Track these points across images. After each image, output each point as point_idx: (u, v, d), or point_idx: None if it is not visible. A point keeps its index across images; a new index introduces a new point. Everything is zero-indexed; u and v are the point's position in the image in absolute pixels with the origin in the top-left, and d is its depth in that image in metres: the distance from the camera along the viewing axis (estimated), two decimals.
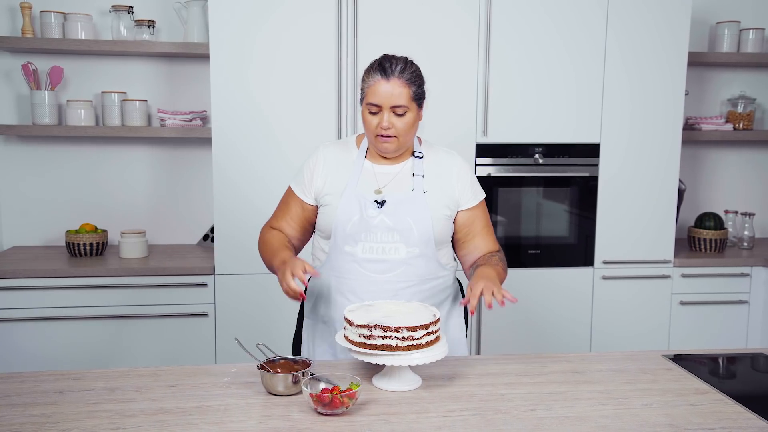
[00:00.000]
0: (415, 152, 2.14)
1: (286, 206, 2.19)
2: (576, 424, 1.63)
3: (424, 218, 2.05)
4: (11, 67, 3.54)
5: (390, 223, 2.04)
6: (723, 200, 4.10)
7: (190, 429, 1.58)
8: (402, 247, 2.05)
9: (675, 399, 1.78)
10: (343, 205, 2.05)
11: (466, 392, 1.81)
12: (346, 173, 2.10)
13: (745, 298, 3.59)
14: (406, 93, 2.00)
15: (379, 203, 2.05)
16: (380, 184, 2.09)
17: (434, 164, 2.14)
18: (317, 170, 2.13)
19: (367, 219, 2.04)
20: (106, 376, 1.88)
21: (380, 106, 1.99)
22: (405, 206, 2.05)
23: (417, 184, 2.09)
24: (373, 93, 2.00)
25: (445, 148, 2.22)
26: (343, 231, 2.05)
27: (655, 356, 2.10)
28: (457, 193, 2.12)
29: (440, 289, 2.17)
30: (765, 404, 1.78)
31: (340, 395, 1.64)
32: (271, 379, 1.77)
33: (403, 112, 2.01)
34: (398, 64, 2.01)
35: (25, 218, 3.64)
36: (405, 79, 2.00)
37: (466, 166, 2.18)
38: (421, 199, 2.07)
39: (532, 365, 2.02)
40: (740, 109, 3.93)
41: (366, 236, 2.05)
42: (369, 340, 1.76)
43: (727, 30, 3.83)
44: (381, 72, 1.99)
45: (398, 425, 1.61)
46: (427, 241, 2.06)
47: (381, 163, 2.12)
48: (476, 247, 2.16)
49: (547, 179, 3.41)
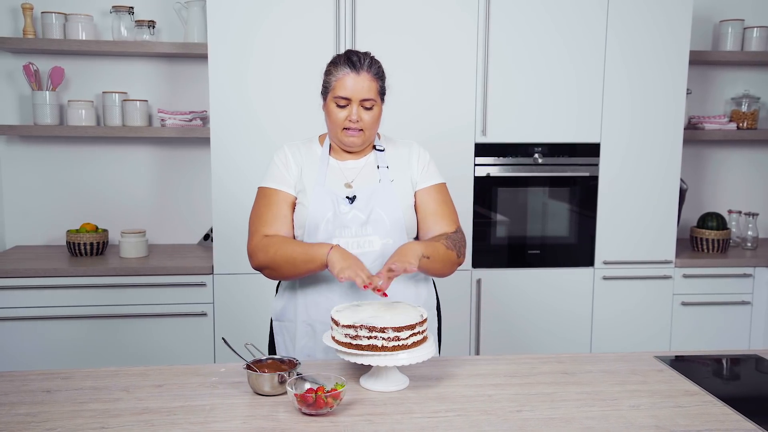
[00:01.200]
0: (376, 146, 2.17)
1: (269, 209, 2.09)
2: (560, 425, 1.62)
3: (394, 208, 2.07)
4: (13, 67, 3.57)
5: (363, 216, 2.05)
6: (727, 200, 4.07)
7: (174, 429, 1.58)
8: (376, 239, 2.06)
9: (663, 400, 1.76)
10: (315, 203, 2.05)
11: (453, 393, 1.80)
12: (313, 171, 2.10)
13: (748, 299, 3.56)
14: (374, 87, 2.04)
15: (350, 199, 2.06)
16: (348, 178, 2.11)
17: (395, 156, 2.17)
18: (289, 162, 2.12)
19: (341, 216, 2.05)
20: (95, 376, 1.89)
21: (349, 99, 2.02)
22: (375, 197, 2.07)
23: (383, 175, 2.11)
24: (342, 86, 2.01)
25: (404, 140, 2.24)
26: (316, 228, 2.05)
27: (647, 357, 2.09)
28: (415, 176, 2.15)
29: (418, 278, 2.17)
30: (755, 406, 1.77)
31: (324, 396, 1.64)
32: (257, 380, 1.77)
33: (371, 105, 2.04)
34: (366, 59, 2.04)
35: (27, 218, 3.67)
36: (373, 73, 2.04)
37: (424, 153, 2.20)
38: (390, 188, 2.09)
39: (523, 366, 2.01)
40: (744, 108, 3.89)
41: (340, 232, 2.05)
42: (355, 341, 1.75)
43: (731, 28, 3.80)
44: (350, 65, 2.01)
45: (381, 426, 1.60)
46: (399, 230, 2.08)
47: (345, 159, 2.14)
48: (430, 229, 2.13)
49: (547, 179, 3.39)
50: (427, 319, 1.84)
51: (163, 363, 3.11)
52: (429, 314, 2.15)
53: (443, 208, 2.15)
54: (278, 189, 2.11)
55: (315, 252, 1.96)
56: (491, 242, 3.39)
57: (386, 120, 3.18)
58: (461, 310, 3.38)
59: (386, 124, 3.19)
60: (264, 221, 2.08)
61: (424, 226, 2.15)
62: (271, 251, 2.01)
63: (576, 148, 3.38)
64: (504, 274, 3.40)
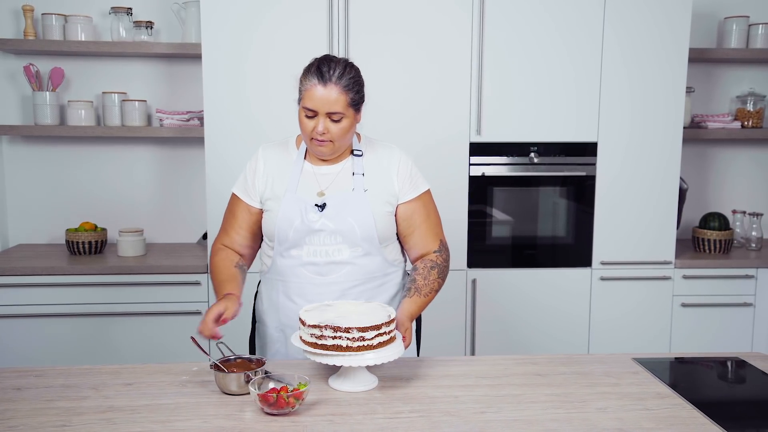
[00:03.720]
0: (354, 150, 2.11)
1: (232, 216, 2.14)
2: (522, 427, 1.60)
3: (365, 217, 2.03)
4: (15, 68, 3.61)
5: (332, 225, 2.02)
6: (731, 200, 4.00)
7: (134, 427, 1.59)
8: (345, 248, 2.04)
9: (632, 403, 1.74)
10: (284, 211, 2.04)
11: (420, 393, 1.79)
12: (287, 176, 2.08)
13: (750, 300, 3.50)
14: (343, 100, 1.95)
15: (319, 207, 2.03)
16: (321, 185, 2.07)
17: (374, 161, 2.11)
18: (258, 172, 2.11)
19: (309, 223, 2.02)
20: (67, 374, 1.91)
21: (316, 111, 1.95)
22: (346, 207, 2.03)
23: (357, 183, 2.06)
24: (309, 97, 1.95)
25: (385, 142, 2.18)
26: (285, 236, 2.04)
27: (624, 359, 2.06)
28: (396, 186, 2.09)
29: (389, 285, 2.15)
30: (725, 410, 1.74)
31: (285, 395, 1.64)
32: (224, 379, 1.78)
33: (339, 118, 1.96)
34: (337, 69, 1.95)
35: (29, 216, 3.72)
36: (342, 85, 1.94)
37: (406, 159, 2.13)
38: (362, 198, 2.04)
39: (496, 367, 1.99)
40: (750, 107, 3.83)
41: (310, 239, 2.04)
42: (320, 341, 1.75)
43: (736, 25, 3.74)
44: (318, 76, 1.94)
45: (342, 426, 1.60)
46: (370, 240, 2.05)
47: (321, 165, 2.09)
48: (415, 244, 2.13)
49: (543, 179, 3.36)
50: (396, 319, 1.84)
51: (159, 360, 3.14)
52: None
53: (428, 223, 2.13)
54: (242, 199, 2.13)
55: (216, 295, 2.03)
56: (486, 242, 3.37)
57: (381, 120, 3.20)
58: (456, 311, 3.36)
59: (381, 124, 3.21)
60: (224, 228, 2.18)
61: (408, 241, 2.14)
62: (210, 265, 2.13)
63: (573, 147, 3.34)
64: (499, 275, 3.38)
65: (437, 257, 2.12)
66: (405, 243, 2.16)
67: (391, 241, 2.14)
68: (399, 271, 2.18)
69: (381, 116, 3.23)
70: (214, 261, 2.12)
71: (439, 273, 2.10)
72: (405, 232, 2.13)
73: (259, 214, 2.12)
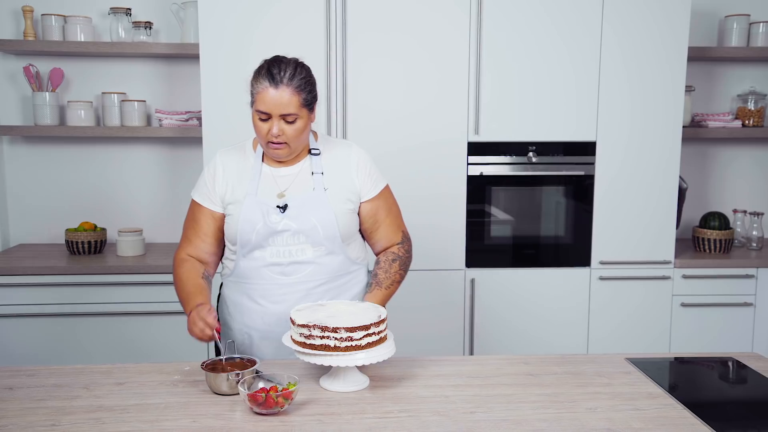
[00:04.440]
0: (312, 150, 2.11)
1: (195, 223, 2.13)
2: (511, 427, 1.60)
3: (327, 216, 2.04)
4: (16, 69, 3.63)
5: (295, 226, 2.03)
6: (732, 199, 3.98)
7: (122, 427, 1.59)
8: (308, 248, 2.05)
9: (622, 403, 1.73)
10: (245, 214, 2.03)
11: (410, 393, 1.79)
12: (246, 180, 2.07)
13: (751, 300, 3.48)
14: (296, 101, 1.94)
15: (281, 208, 2.03)
16: (281, 187, 2.07)
17: (332, 159, 2.11)
18: (217, 177, 2.10)
19: (271, 225, 2.02)
20: (59, 373, 1.91)
21: (269, 114, 1.95)
22: (307, 207, 2.03)
23: (317, 182, 2.06)
24: (261, 100, 1.94)
25: (341, 140, 2.20)
26: (248, 240, 2.04)
27: (617, 360, 2.05)
28: (357, 185, 2.10)
29: (353, 283, 2.16)
30: (716, 411, 1.73)
31: (274, 395, 1.64)
32: (215, 379, 1.78)
33: (293, 119, 1.96)
34: (287, 70, 1.95)
35: (30, 216, 3.73)
36: (294, 86, 1.94)
37: (365, 156, 2.15)
38: (323, 197, 2.05)
39: (488, 367, 1.99)
40: (751, 106, 3.81)
41: (272, 241, 2.04)
42: (309, 340, 1.75)
43: (736, 23, 3.72)
44: (269, 78, 1.94)
45: (330, 426, 1.60)
46: (333, 239, 2.06)
47: (279, 166, 2.09)
48: (380, 239, 2.19)
49: (542, 178, 3.35)
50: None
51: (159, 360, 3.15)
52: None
53: (390, 217, 2.18)
54: (203, 205, 2.12)
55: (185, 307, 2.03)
56: (485, 242, 3.36)
57: (379, 120, 3.20)
58: (455, 311, 3.36)
59: (379, 124, 3.21)
60: (187, 237, 2.15)
61: (373, 236, 2.19)
62: (174, 276, 2.10)
63: (571, 146, 3.33)
64: (498, 274, 3.37)
65: (399, 249, 2.18)
66: (370, 238, 2.20)
67: (354, 239, 2.15)
68: (362, 269, 2.20)
69: (378, 116, 3.23)
70: (178, 272, 2.09)
71: (401, 265, 2.16)
72: (370, 229, 2.16)
73: (223, 219, 2.11)
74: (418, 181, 3.27)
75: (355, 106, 3.22)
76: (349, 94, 3.20)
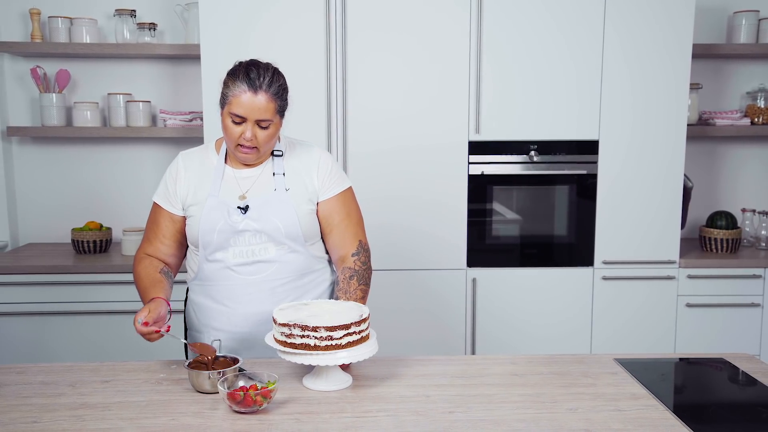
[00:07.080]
0: (274, 151, 2.10)
1: (155, 225, 2.13)
2: (488, 427, 1.59)
3: (289, 216, 2.04)
4: (24, 70, 3.68)
5: (257, 226, 2.03)
6: (740, 198, 3.92)
7: (101, 424, 1.61)
8: (271, 247, 2.05)
9: (604, 404, 1.71)
10: (206, 216, 2.03)
11: (392, 393, 1.79)
12: (208, 182, 2.07)
13: (758, 300, 3.43)
14: (272, 107, 1.95)
15: (242, 209, 2.03)
16: (243, 189, 2.06)
17: (294, 160, 2.11)
18: (179, 179, 2.10)
19: (233, 225, 2.02)
20: (48, 371, 1.94)
21: (245, 118, 1.95)
22: (269, 207, 2.03)
23: (279, 183, 2.06)
24: (238, 104, 1.93)
25: (305, 142, 2.19)
26: (209, 240, 2.04)
27: (606, 360, 2.03)
28: (316, 184, 2.10)
29: (318, 281, 2.16)
30: (698, 413, 1.71)
31: (253, 393, 1.65)
32: (197, 378, 1.79)
33: (267, 125, 1.97)
34: (266, 76, 1.95)
35: (38, 216, 3.78)
36: (272, 92, 1.95)
37: (326, 157, 2.14)
38: (285, 197, 2.05)
39: (474, 367, 1.98)
40: (760, 103, 3.76)
41: (234, 241, 2.04)
42: (290, 339, 1.76)
43: (745, 20, 3.67)
44: (248, 83, 1.93)
45: (307, 425, 1.60)
46: (295, 238, 2.05)
47: (241, 168, 2.09)
48: (335, 244, 2.14)
49: (543, 177, 3.33)
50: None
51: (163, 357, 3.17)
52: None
53: (347, 222, 2.13)
54: (164, 208, 2.12)
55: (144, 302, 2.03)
56: (487, 241, 3.35)
57: (379, 120, 3.20)
58: (456, 311, 3.35)
59: (379, 123, 3.20)
60: (147, 237, 2.16)
61: (328, 240, 2.15)
62: (134, 275, 2.12)
63: (573, 145, 3.31)
64: (500, 274, 3.35)
65: (355, 262, 2.12)
66: (326, 243, 2.16)
67: (317, 239, 2.14)
68: (327, 268, 2.20)
69: (379, 115, 3.23)
70: (137, 270, 2.10)
71: (359, 279, 2.10)
72: (325, 231, 2.13)
73: (182, 222, 2.11)
74: (418, 181, 3.26)
75: (356, 105, 3.22)
76: (350, 93, 3.21)
